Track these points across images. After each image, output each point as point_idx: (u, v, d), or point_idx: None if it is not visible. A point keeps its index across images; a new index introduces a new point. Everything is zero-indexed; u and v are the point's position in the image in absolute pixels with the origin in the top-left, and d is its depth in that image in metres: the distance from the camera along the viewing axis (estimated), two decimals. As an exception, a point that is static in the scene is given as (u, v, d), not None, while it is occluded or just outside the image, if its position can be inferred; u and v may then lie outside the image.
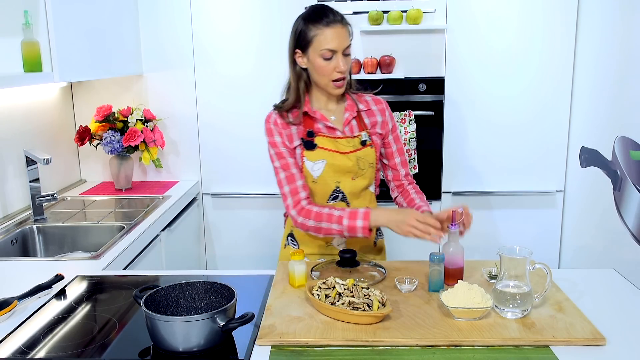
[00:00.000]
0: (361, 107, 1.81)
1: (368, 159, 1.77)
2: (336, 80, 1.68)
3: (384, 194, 3.07)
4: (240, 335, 1.28)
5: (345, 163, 1.73)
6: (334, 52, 1.64)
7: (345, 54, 1.67)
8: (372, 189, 1.85)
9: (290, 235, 1.87)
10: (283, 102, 1.79)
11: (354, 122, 1.79)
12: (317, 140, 1.73)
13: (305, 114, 1.75)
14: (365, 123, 1.80)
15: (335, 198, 1.76)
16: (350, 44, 1.69)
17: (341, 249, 1.79)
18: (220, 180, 3.09)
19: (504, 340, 1.24)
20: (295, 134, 1.75)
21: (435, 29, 2.92)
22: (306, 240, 1.83)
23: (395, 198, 1.95)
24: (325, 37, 1.64)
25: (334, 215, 1.65)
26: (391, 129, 1.86)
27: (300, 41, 1.69)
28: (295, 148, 1.75)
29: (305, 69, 1.73)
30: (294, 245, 1.86)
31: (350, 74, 1.78)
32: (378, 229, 1.90)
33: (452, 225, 1.56)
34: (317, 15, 1.65)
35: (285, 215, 1.91)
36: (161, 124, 3.01)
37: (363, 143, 1.77)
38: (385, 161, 1.91)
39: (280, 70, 3.01)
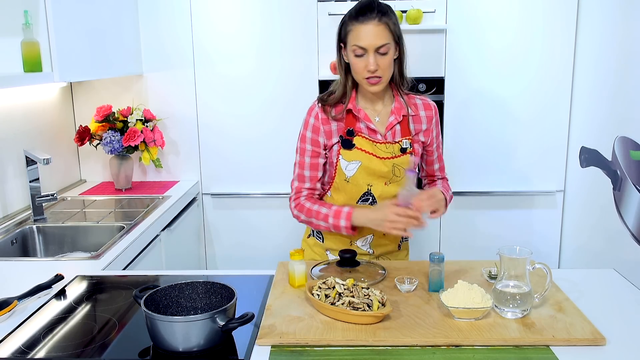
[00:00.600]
0: (410, 111, 1.75)
1: (404, 167, 1.73)
2: (368, 78, 1.64)
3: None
4: (240, 335, 1.28)
5: (380, 168, 1.70)
6: (364, 49, 1.60)
7: (382, 53, 1.61)
8: None
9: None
10: (329, 94, 1.75)
11: (397, 127, 1.73)
12: (356, 140, 1.70)
13: (349, 111, 1.71)
14: (410, 129, 1.75)
15: (366, 200, 1.74)
16: (389, 44, 1.61)
17: (365, 249, 1.80)
18: (220, 180, 3.09)
19: (504, 340, 1.24)
20: (335, 130, 1.72)
21: (435, 29, 2.92)
22: (330, 237, 1.82)
23: (424, 187, 1.93)
24: (357, 34, 1.60)
25: (321, 213, 1.68)
26: (435, 136, 1.81)
27: (341, 35, 1.67)
28: (333, 145, 1.72)
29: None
30: (319, 238, 1.84)
31: (401, 73, 1.73)
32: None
33: (410, 170, 1.58)
34: (357, 11, 1.61)
35: None
36: (161, 124, 3.01)
37: (403, 150, 1.72)
38: (424, 164, 1.88)
39: (280, 70, 3.03)
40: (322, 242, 1.85)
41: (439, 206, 1.64)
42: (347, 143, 1.70)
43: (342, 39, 1.67)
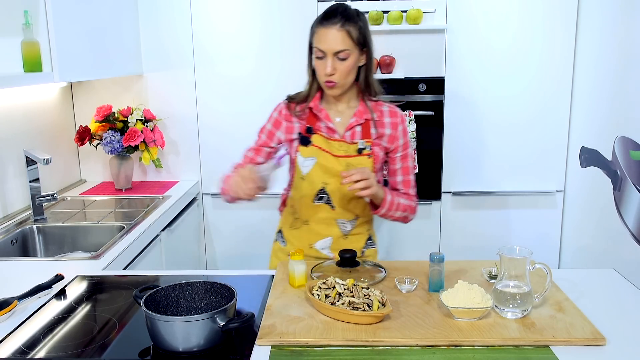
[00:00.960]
0: (373, 116, 1.75)
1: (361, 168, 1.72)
2: (327, 81, 1.67)
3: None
4: (240, 335, 1.28)
5: (334, 166, 1.72)
6: (323, 52, 1.64)
7: (341, 58, 1.63)
8: (367, 198, 1.78)
9: (280, 231, 1.91)
10: (298, 93, 1.81)
11: (358, 129, 1.75)
12: (314, 138, 1.74)
13: (311, 110, 1.76)
14: (371, 133, 1.76)
15: (320, 199, 1.76)
16: (348, 50, 1.63)
17: (325, 253, 1.81)
18: (218, 180, 3.09)
19: (504, 340, 1.24)
20: (297, 127, 1.77)
21: (435, 29, 2.92)
22: (291, 239, 1.85)
23: None
24: (318, 37, 1.65)
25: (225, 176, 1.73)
26: (401, 146, 1.79)
27: (310, 36, 1.72)
28: (292, 140, 1.77)
29: None
30: (282, 242, 1.89)
31: (367, 81, 1.74)
32: (369, 239, 1.88)
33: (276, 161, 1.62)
34: (324, 15, 1.67)
35: (280, 210, 1.94)
36: (161, 124, 3.01)
37: (359, 151, 1.74)
38: (387, 174, 1.88)
39: (280, 70, 3.03)
40: (284, 245, 1.88)
41: (367, 181, 1.58)
42: (304, 140, 1.75)
43: (310, 40, 1.73)
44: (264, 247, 3.17)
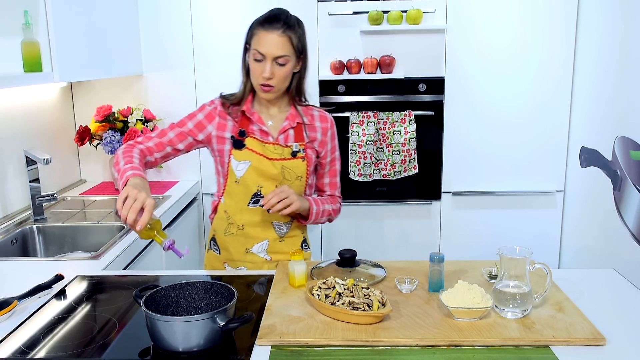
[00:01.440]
0: (305, 120, 1.77)
1: (296, 171, 1.74)
2: (262, 85, 1.66)
3: (382, 194, 3.08)
4: (240, 335, 1.28)
5: (269, 169, 1.72)
6: (263, 56, 1.62)
7: (279, 64, 1.63)
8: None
9: (213, 239, 1.85)
10: (232, 94, 1.78)
11: (291, 132, 1.76)
12: (247, 141, 1.72)
13: (243, 113, 1.74)
14: (304, 136, 1.77)
15: (256, 202, 1.74)
16: (288, 56, 1.64)
17: (262, 256, 1.79)
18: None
19: (504, 340, 1.24)
20: (229, 127, 1.74)
21: (435, 29, 2.92)
22: (226, 246, 1.81)
23: None
24: (259, 39, 1.63)
25: (120, 167, 1.57)
26: (330, 150, 1.82)
27: (247, 36, 1.70)
28: (223, 140, 1.74)
29: None
30: (216, 250, 1.84)
31: (299, 88, 1.75)
32: (304, 241, 1.87)
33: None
34: (265, 18, 1.65)
35: (211, 218, 1.87)
36: (161, 124, 3.01)
37: (294, 154, 1.74)
38: (315, 177, 1.87)
39: (280, 70, 3.02)
40: (219, 253, 1.84)
41: (285, 201, 1.61)
42: (238, 143, 1.72)
43: (247, 40, 1.70)
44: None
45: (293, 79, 1.73)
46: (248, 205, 1.76)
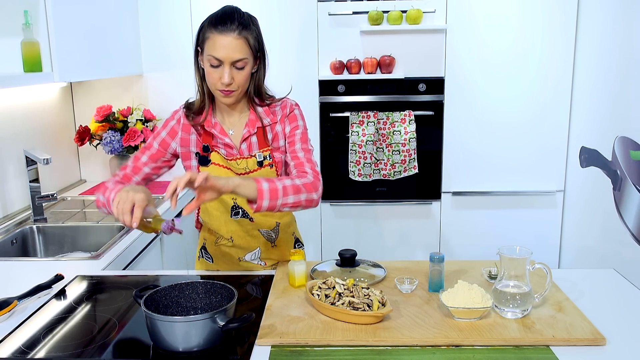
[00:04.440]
0: (265, 122, 1.65)
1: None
2: (222, 90, 1.55)
3: (382, 194, 3.08)
4: (240, 335, 1.28)
5: None
6: (220, 61, 1.51)
7: (238, 67, 1.52)
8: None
9: (203, 248, 1.80)
10: (193, 103, 1.68)
11: (253, 139, 1.65)
12: (212, 156, 1.63)
13: (204, 127, 1.64)
14: (267, 140, 1.66)
15: (237, 214, 1.68)
16: (246, 59, 1.53)
17: (255, 263, 1.75)
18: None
19: (504, 340, 1.24)
20: (193, 141, 1.66)
21: (435, 29, 2.92)
22: (218, 255, 1.76)
23: None
24: (213, 44, 1.50)
25: (108, 188, 1.58)
26: (289, 133, 1.67)
27: (198, 40, 1.57)
28: (189, 155, 1.66)
29: None
30: (208, 259, 1.79)
31: (258, 88, 1.64)
32: (297, 242, 1.83)
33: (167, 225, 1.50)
34: (218, 18, 1.52)
35: (198, 228, 1.83)
36: (161, 124, 3.01)
37: (260, 164, 1.64)
38: (290, 162, 1.68)
39: (278, 70, 3.02)
40: (212, 262, 1.79)
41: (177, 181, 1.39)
42: (203, 159, 1.64)
43: (199, 44, 1.57)
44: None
45: (251, 80, 1.61)
46: (231, 217, 1.69)
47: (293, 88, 1.84)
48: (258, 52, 1.59)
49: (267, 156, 1.65)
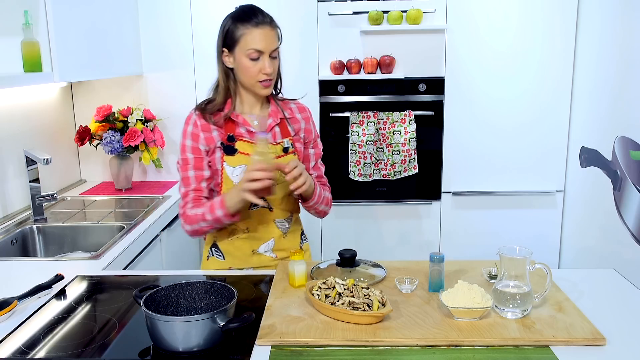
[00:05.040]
0: (286, 114, 1.77)
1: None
2: (263, 81, 1.65)
3: (382, 194, 3.08)
4: (240, 335, 1.28)
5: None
6: (260, 53, 1.61)
7: (273, 57, 1.64)
8: (295, 194, 1.73)
9: (214, 245, 1.80)
10: (208, 102, 1.73)
11: (277, 129, 1.75)
12: (238, 145, 1.69)
13: (227, 117, 1.71)
14: (289, 130, 1.77)
15: (256, 205, 1.68)
16: (278, 48, 1.66)
17: (268, 255, 1.77)
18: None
19: (504, 340, 1.24)
20: (216, 137, 1.70)
21: (435, 29, 2.92)
22: (231, 250, 1.77)
23: None
24: (253, 37, 1.61)
25: (199, 214, 1.64)
26: (313, 138, 1.84)
27: (227, 40, 1.65)
28: (214, 150, 1.70)
29: (232, 69, 1.69)
30: (219, 256, 1.79)
31: (279, 78, 1.76)
32: (302, 234, 1.88)
33: (261, 132, 1.58)
34: (247, 15, 1.62)
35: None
36: (161, 124, 3.01)
37: (285, 150, 1.73)
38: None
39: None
40: (223, 259, 1.79)
41: (304, 174, 1.60)
42: (229, 149, 1.69)
43: (228, 44, 1.65)
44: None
45: None
46: (250, 209, 1.72)
47: (293, 88, 1.87)
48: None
49: (291, 145, 1.76)
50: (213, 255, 1.81)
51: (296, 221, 1.85)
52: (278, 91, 1.79)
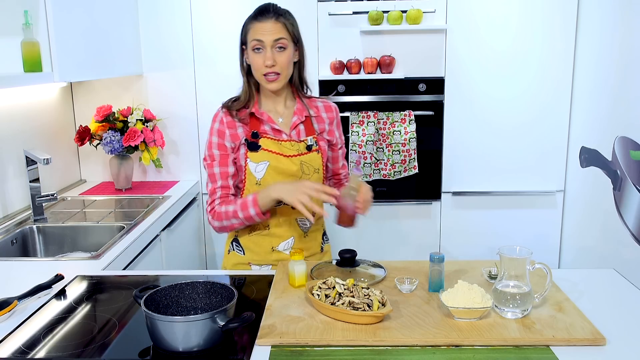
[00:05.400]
0: (311, 112, 1.79)
1: (313, 164, 1.75)
2: (267, 74, 1.67)
3: (382, 194, 3.08)
4: (240, 335, 1.28)
5: (289, 167, 1.72)
6: (261, 43, 1.65)
7: (279, 48, 1.66)
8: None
9: (235, 240, 1.83)
10: (235, 100, 1.78)
11: (301, 127, 1.77)
12: (262, 141, 1.72)
13: (252, 114, 1.74)
14: (314, 128, 1.79)
15: (280, 202, 1.70)
16: (285, 39, 1.66)
17: (288, 252, 1.78)
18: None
19: (504, 340, 1.24)
20: (241, 134, 1.74)
21: (435, 29, 2.92)
22: (251, 246, 1.80)
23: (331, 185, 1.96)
24: (255, 30, 1.66)
25: (230, 212, 1.68)
26: (338, 137, 1.87)
27: (242, 36, 1.72)
28: (239, 147, 1.74)
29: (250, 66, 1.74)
30: (240, 251, 1.82)
31: (300, 77, 1.77)
32: (324, 234, 1.89)
33: (356, 169, 1.58)
34: (256, 12, 1.69)
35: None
36: (161, 124, 3.01)
37: (309, 148, 1.75)
38: (330, 164, 1.89)
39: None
40: (243, 254, 1.81)
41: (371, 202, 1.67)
42: (252, 145, 1.72)
43: (242, 40, 1.72)
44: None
45: (294, 69, 1.74)
46: (275, 206, 1.73)
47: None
48: (297, 42, 1.72)
49: (315, 143, 1.77)
50: (233, 249, 1.84)
51: (318, 221, 1.85)
52: (306, 88, 1.81)
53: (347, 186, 1.60)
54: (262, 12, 1.67)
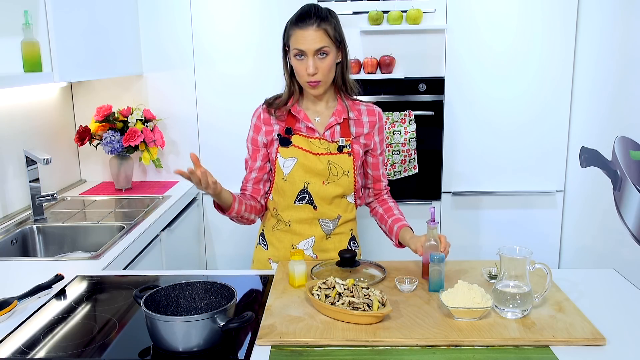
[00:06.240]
0: (351, 115, 1.78)
1: (342, 166, 1.75)
2: (309, 82, 1.68)
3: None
4: (240, 335, 1.28)
5: (315, 164, 1.72)
6: (302, 52, 1.65)
7: (321, 55, 1.65)
8: (350, 199, 1.81)
9: (262, 235, 1.88)
10: (276, 98, 1.81)
11: (337, 128, 1.77)
12: (294, 138, 1.75)
13: (289, 112, 1.77)
14: (351, 131, 1.78)
15: (302, 199, 1.75)
16: (327, 47, 1.65)
17: (308, 253, 1.79)
18: (220, 180, 3.07)
19: (504, 340, 1.24)
20: (275, 129, 1.78)
21: (435, 29, 2.92)
22: (274, 242, 1.83)
23: (370, 203, 1.94)
24: (296, 38, 1.66)
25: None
26: (378, 143, 1.84)
27: (285, 39, 1.73)
28: (272, 142, 1.77)
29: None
30: (264, 246, 1.87)
31: (343, 78, 1.77)
32: (352, 239, 1.88)
33: (431, 221, 1.56)
34: (298, 16, 1.68)
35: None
36: (161, 124, 3.01)
37: (340, 149, 1.75)
38: (369, 170, 1.87)
39: (279, 69, 3.01)
40: (267, 249, 1.85)
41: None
42: (284, 141, 1.76)
43: (285, 43, 1.73)
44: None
45: (336, 70, 1.75)
46: (294, 203, 1.76)
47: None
48: (340, 43, 1.72)
49: (348, 145, 1.77)
50: (260, 243, 1.89)
51: (344, 225, 1.84)
52: (350, 90, 1.79)
53: (428, 243, 1.57)
54: (303, 18, 1.66)
